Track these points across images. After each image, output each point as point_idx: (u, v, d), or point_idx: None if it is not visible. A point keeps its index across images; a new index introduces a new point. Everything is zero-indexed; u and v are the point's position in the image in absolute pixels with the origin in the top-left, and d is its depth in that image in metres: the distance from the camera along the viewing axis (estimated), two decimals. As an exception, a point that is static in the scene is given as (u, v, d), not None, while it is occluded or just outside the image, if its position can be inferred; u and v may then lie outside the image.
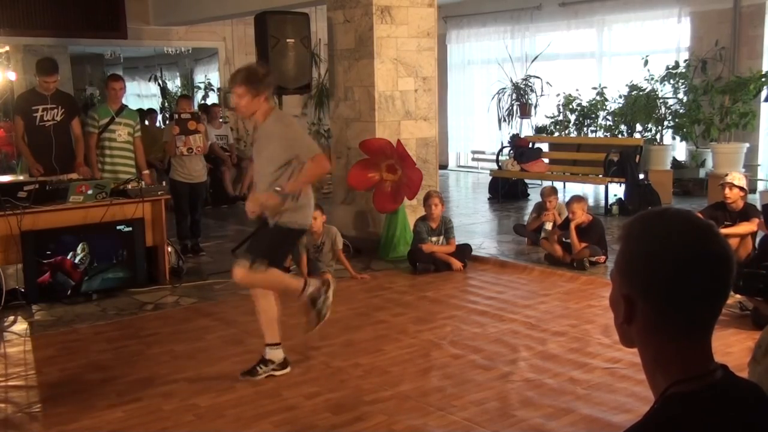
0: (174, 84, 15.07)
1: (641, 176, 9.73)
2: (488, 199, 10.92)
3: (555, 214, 7.39)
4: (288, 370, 4.41)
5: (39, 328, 5.43)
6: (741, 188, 6.15)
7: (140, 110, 12.20)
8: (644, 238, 1.24)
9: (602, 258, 6.75)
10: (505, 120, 12.40)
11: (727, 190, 6.13)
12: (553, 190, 7.67)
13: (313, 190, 4.56)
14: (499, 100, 12.44)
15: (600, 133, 11.28)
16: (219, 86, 12.76)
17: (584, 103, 11.35)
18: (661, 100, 10.50)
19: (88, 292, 6.06)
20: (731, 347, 4.57)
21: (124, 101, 7.31)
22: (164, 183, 7.34)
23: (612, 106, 11.06)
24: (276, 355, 4.38)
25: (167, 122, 10.42)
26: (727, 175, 6.35)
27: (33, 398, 4.19)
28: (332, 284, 4.47)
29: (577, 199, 6.93)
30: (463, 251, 6.98)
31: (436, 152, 7.88)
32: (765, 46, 10.24)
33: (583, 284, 6.26)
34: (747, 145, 9.93)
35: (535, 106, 12.29)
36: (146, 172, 7.28)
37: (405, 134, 7.42)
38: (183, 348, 4.92)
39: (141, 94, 16.80)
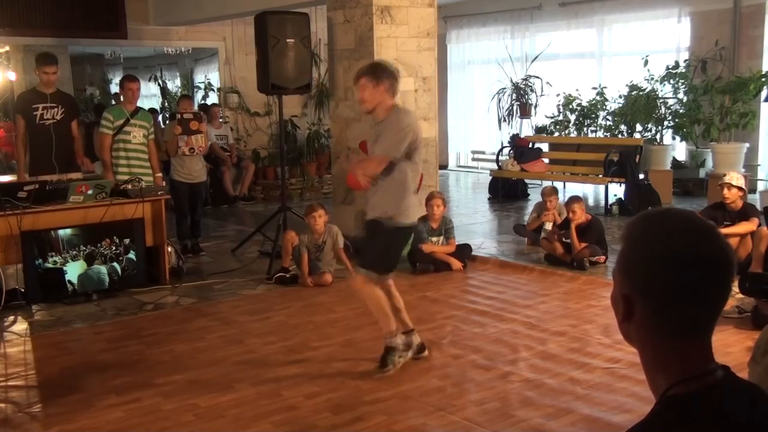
0: (174, 84, 15.06)
1: (641, 176, 9.73)
2: (488, 199, 10.92)
3: (555, 214, 7.40)
4: (424, 353, 4.54)
5: (39, 328, 5.43)
6: (739, 188, 6.16)
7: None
8: (644, 238, 1.23)
9: (602, 258, 6.75)
10: (505, 120, 12.40)
11: (725, 191, 6.13)
12: (554, 190, 7.67)
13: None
14: (499, 100, 12.44)
15: (600, 133, 11.28)
16: (219, 86, 12.76)
17: (584, 103, 11.35)
18: (661, 100, 10.50)
19: (88, 292, 6.06)
20: (731, 347, 4.57)
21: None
22: (164, 183, 7.35)
23: (612, 106, 11.06)
24: (395, 342, 4.41)
25: (167, 122, 10.43)
26: (725, 175, 6.34)
27: (33, 398, 4.19)
28: (423, 352, 4.55)
29: (576, 198, 6.94)
30: (463, 251, 6.98)
31: (436, 152, 7.88)
32: (765, 46, 10.24)
33: (583, 284, 6.26)
34: (747, 145, 9.93)
35: (535, 106, 12.29)
36: (159, 174, 7.25)
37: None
38: (183, 348, 4.92)
39: (141, 94, 16.77)
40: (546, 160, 10.91)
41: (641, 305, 1.22)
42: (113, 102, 13.05)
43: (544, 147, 11.17)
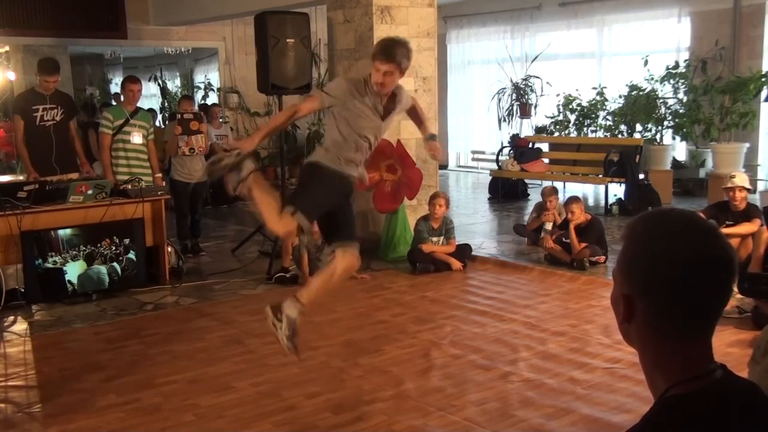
0: (174, 84, 15.07)
1: (641, 176, 9.74)
2: (488, 199, 10.93)
3: (555, 214, 7.39)
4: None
5: (39, 328, 5.43)
6: (747, 189, 6.18)
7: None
8: (646, 239, 1.23)
9: (602, 258, 6.74)
10: (505, 120, 12.41)
11: (737, 193, 6.11)
12: (554, 190, 7.67)
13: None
14: (499, 100, 12.45)
15: (600, 133, 11.29)
16: (219, 86, 12.76)
17: (584, 103, 11.35)
18: (661, 100, 10.50)
19: (88, 292, 6.06)
20: (731, 347, 4.56)
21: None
22: (164, 183, 7.35)
23: (612, 106, 11.06)
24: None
25: (167, 122, 10.43)
26: (734, 176, 6.27)
27: (33, 398, 4.19)
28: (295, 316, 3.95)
29: (575, 199, 6.94)
30: (463, 251, 6.98)
31: (436, 152, 7.86)
32: (765, 46, 10.24)
33: (583, 284, 6.26)
34: (747, 145, 9.93)
35: (535, 106, 12.30)
36: (159, 174, 7.25)
37: (405, 134, 7.41)
38: (183, 348, 4.92)
39: (141, 94, 16.77)
40: (546, 160, 10.92)
41: (641, 305, 1.22)
42: (113, 102, 13.07)
43: (544, 147, 11.17)
